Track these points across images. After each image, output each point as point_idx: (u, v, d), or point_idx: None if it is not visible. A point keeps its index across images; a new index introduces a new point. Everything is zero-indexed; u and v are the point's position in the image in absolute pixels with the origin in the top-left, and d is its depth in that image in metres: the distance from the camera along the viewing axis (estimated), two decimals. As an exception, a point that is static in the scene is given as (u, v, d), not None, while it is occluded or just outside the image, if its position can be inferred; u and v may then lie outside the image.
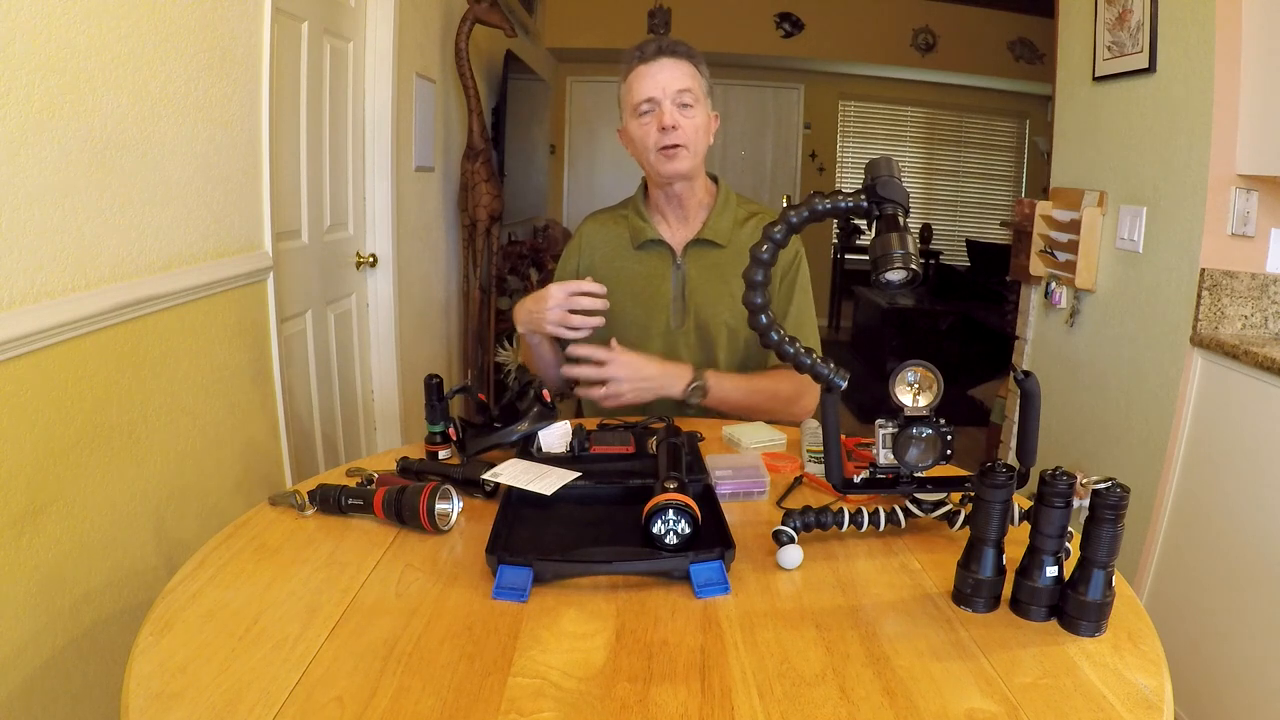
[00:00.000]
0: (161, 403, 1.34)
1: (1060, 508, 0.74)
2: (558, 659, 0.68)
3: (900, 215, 0.85)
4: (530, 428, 1.12)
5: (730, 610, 0.77)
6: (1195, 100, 1.83)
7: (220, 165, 1.52)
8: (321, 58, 2.08)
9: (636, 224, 1.48)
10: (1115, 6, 2.09)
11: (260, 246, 1.70)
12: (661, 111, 1.35)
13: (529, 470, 1.02)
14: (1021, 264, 2.54)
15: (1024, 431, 0.87)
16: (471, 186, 3.06)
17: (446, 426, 1.15)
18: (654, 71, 1.36)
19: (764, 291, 0.88)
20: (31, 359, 1.04)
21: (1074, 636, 0.73)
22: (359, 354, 2.50)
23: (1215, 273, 1.79)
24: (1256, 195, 1.78)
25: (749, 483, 1.04)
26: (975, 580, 0.77)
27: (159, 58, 1.29)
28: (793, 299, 1.48)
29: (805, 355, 0.88)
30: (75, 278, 1.13)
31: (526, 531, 0.92)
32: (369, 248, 2.47)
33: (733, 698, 0.63)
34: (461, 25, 2.91)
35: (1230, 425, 1.72)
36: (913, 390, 0.89)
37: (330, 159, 2.17)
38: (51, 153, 1.07)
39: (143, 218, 1.28)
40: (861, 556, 0.89)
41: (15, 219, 1.01)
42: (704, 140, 1.41)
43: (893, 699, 0.63)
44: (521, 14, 4.40)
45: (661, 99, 1.35)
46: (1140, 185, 2.04)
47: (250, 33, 1.59)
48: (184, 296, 1.39)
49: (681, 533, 0.84)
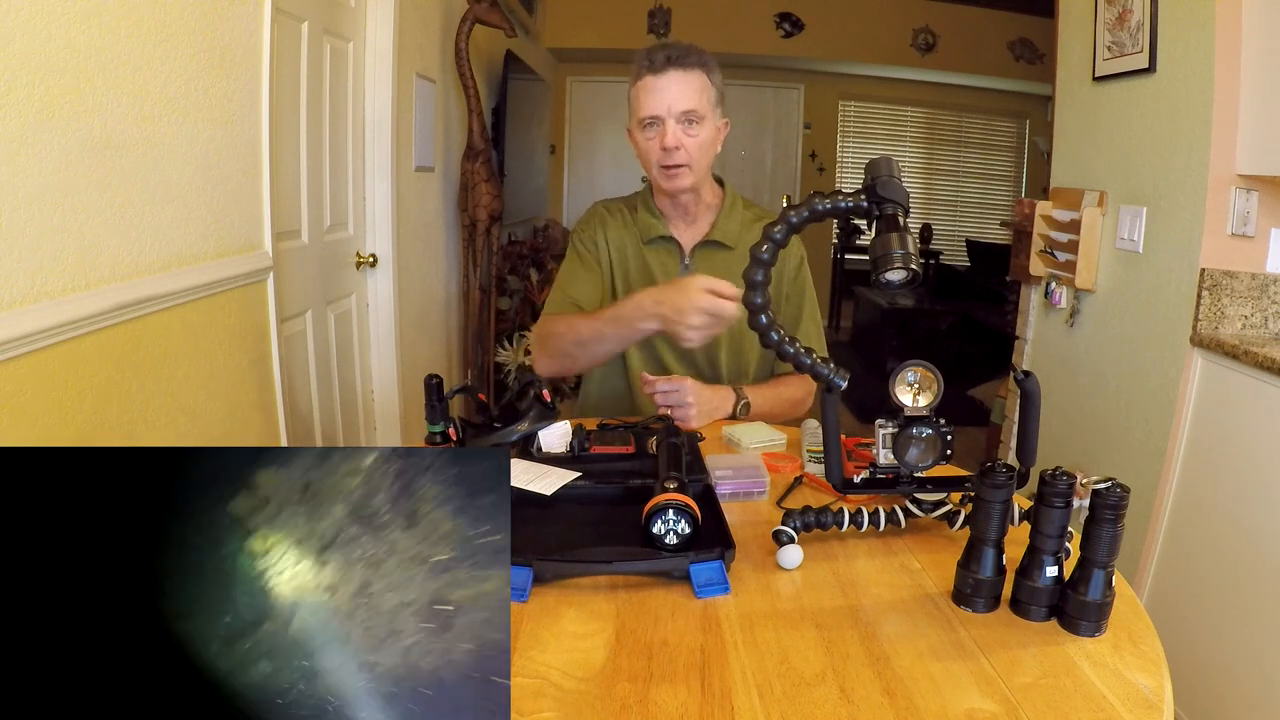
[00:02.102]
0: (161, 403, 1.34)
1: (1060, 508, 0.74)
2: (558, 659, 0.68)
3: (900, 215, 0.84)
4: (530, 428, 1.12)
5: (730, 610, 0.77)
6: (1195, 100, 1.83)
7: (220, 165, 1.52)
8: (321, 58, 2.08)
9: (646, 219, 1.47)
10: (1115, 6, 2.09)
11: (260, 246, 1.70)
12: (664, 131, 1.33)
13: (529, 470, 1.02)
14: (1021, 264, 2.54)
15: (1024, 431, 0.87)
16: (471, 186, 3.06)
17: (446, 426, 1.15)
18: (661, 86, 1.32)
19: (764, 291, 0.88)
20: (31, 359, 1.04)
21: (1074, 636, 0.73)
22: (359, 354, 2.50)
23: (1215, 273, 1.79)
24: (1256, 195, 1.78)
25: (749, 483, 1.04)
26: (975, 580, 0.77)
27: (159, 58, 1.29)
28: (803, 308, 1.49)
29: (805, 355, 0.88)
30: (75, 278, 1.13)
31: (526, 531, 0.92)
32: (369, 248, 2.47)
33: (733, 698, 0.63)
34: (461, 25, 2.91)
35: (1230, 425, 1.72)
36: (913, 390, 0.89)
37: (330, 159, 2.17)
38: (51, 153, 1.07)
39: (143, 218, 1.28)
40: (861, 556, 0.89)
41: (15, 219, 1.01)
42: (709, 154, 1.39)
43: (893, 699, 0.63)
44: (521, 14, 4.40)
45: (665, 117, 1.33)
46: (1140, 185, 2.04)
47: (250, 33, 1.59)
48: (184, 296, 1.39)
49: (681, 533, 0.84)
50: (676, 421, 1.26)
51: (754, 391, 1.42)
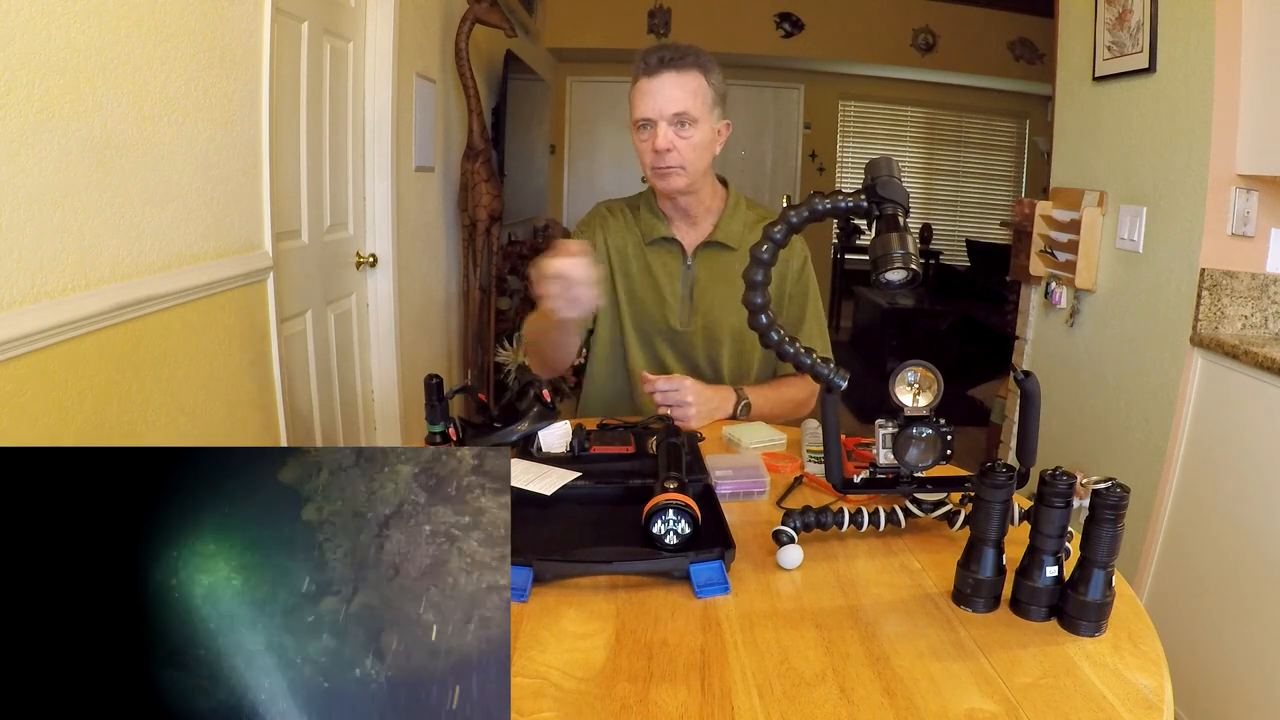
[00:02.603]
0: (161, 403, 1.34)
1: (1060, 508, 0.74)
2: (558, 659, 0.68)
3: (900, 215, 0.84)
4: (530, 428, 1.12)
5: (730, 610, 0.77)
6: (1195, 100, 1.83)
7: (220, 165, 1.52)
8: (321, 58, 2.08)
9: (648, 220, 1.47)
10: (1115, 6, 2.09)
11: (260, 246, 1.70)
12: (656, 134, 1.33)
13: (529, 470, 1.02)
14: (1021, 264, 2.54)
15: (1024, 431, 0.87)
16: (471, 186, 3.06)
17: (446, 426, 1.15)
18: (654, 89, 1.32)
19: (764, 291, 0.88)
20: (31, 359, 1.04)
21: (1074, 636, 0.73)
22: (359, 354, 2.50)
23: (1215, 273, 1.79)
24: (1256, 195, 1.78)
25: (749, 483, 1.04)
26: (975, 580, 0.77)
27: (159, 58, 1.29)
28: (806, 308, 1.49)
29: (805, 355, 0.88)
30: (75, 278, 1.13)
31: (527, 531, 0.92)
32: (369, 248, 2.47)
33: (733, 698, 0.63)
34: (461, 25, 2.91)
35: (1230, 425, 1.72)
36: (913, 390, 0.89)
37: (330, 159, 2.17)
38: (51, 153, 1.07)
39: (143, 218, 1.28)
40: (861, 556, 0.89)
41: (15, 219, 1.01)
42: (705, 156, 1.38)
43: (893, 699, 0.63)
44: (521, 14, 4.40)
45: (657, 120, 1.33)
46: (1140, 185, 2.04)
47: (250, 33, 1.59)
48: (184, 296, 1.39)
49: (681, 533, 0.84)
50: (676, 421, 1.26)
51: (755, 392, 1.42)
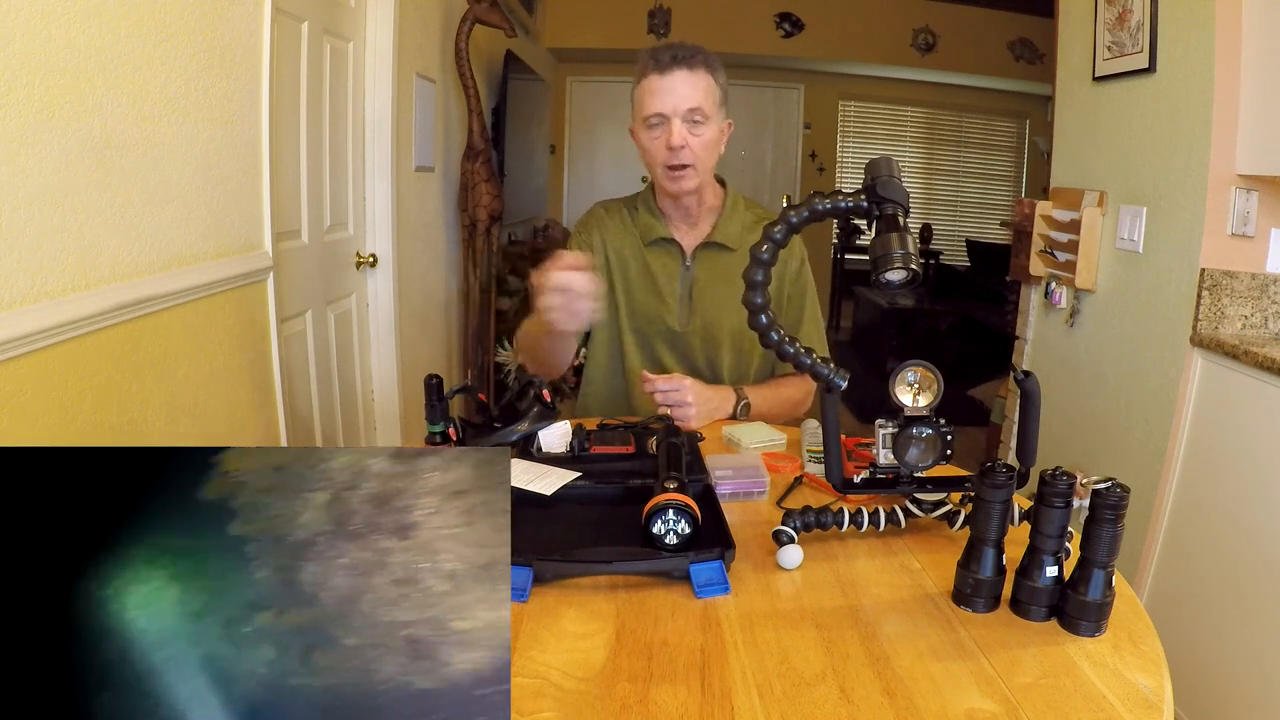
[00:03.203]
0: (161, 403, 1.34)
1: (1060, 508, 0.74)
2: (558, 659, 0.68)
3: (900, 215, 0.84)
4: (530, 428, 1.12)
5: (730, 610, 0.77)
6: (1195, 100, 1.83)
7: (220, 165, 1.52)
8: (321, 58, 2.08)
9: (647, 221, 1.46)
10: (1115, 6, 2.09)
11: (260, 246, 1.70)
12: (670, 130, 1.32)
13: (529, 470, 1.02)
14: (1021, 264, 2.54)
15: (1024, 431, 0.87)
16: (471, 186, 3.06)
17: (446, 426, 1.15)
18: (667, 85, 1.31)
19: (764, 291, 0.88)
20: (31, 359, 1.04)
21: (1074, 636, 0.73)
22: (359, 354, 2.50)
23: (1215, 273, 1.79)
24: (1256, 195, 1.78)
25: (749, 483, 1.04)
26: (975, 580, 0.77)
27: (159, 58, 1.29)
28: (804, 308, 1.49)
29: (805, 355, 0.88)
30: (75, 278, 1.13)
31: (526, 531, 0.92)
32: (369, 248, 2.47)
33: (733, 698, 0.63)
34: (461, 25, 2.91)
35: (1230, 425, 1.72)
36: (913, 390, 0.89)
37: (330, 159, 2.17)
38: (51, 153, 1.07)
39: (143, 218, 1.28)
40: (861, 556, 0.89)
41: (15, 219, 1.01)
42: (713, 155, 1.38)
43: (893, 699, 0.63)
44: (521, 14, 4.40)
45: (671, 116, 1.32)
46: (1140, 185, 2.04)
47: (250, 33, 1.60)
48: (184, 296, 1.39)
49: (681, 533, 0.84)
50: (676, 421, 1.26)
51: (754, 392, 1.42)
